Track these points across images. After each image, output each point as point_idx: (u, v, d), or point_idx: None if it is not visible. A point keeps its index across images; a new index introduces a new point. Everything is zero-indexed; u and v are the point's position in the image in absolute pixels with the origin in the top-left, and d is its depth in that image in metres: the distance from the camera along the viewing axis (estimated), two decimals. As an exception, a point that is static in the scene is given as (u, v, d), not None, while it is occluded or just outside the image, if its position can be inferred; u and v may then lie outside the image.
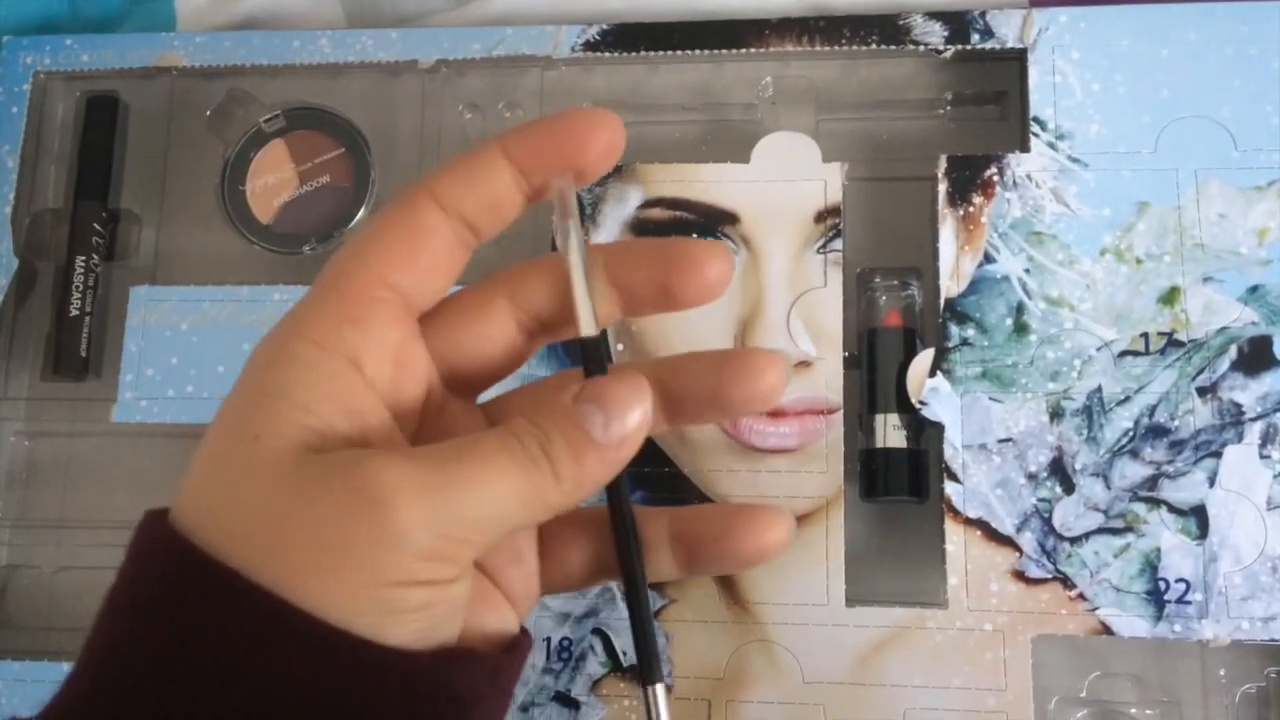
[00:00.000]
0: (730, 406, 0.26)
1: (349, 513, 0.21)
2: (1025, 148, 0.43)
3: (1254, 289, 0.41)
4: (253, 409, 0.23)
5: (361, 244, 0.24)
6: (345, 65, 0.48)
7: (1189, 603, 0.39)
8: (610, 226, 0.45)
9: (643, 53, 0.47)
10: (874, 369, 0.43)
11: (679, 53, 0.47)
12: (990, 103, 0.45)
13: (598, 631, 0.41)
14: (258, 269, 0.47)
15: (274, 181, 0.48)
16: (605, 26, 0.47)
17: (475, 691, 0.24)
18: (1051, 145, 0.43)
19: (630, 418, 0.24)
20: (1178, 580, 0.39)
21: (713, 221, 0.44)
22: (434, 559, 0.22)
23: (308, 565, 0.21)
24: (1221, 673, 0.39)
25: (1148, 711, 0.40)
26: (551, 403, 0.24)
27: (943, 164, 0.43)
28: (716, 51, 0.47)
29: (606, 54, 0.47)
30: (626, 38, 0.47)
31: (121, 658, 0.21)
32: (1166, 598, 0.39)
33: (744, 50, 0.46)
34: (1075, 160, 0.43)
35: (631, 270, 0.26)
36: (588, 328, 0.25)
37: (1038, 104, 0.43)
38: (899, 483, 0.42)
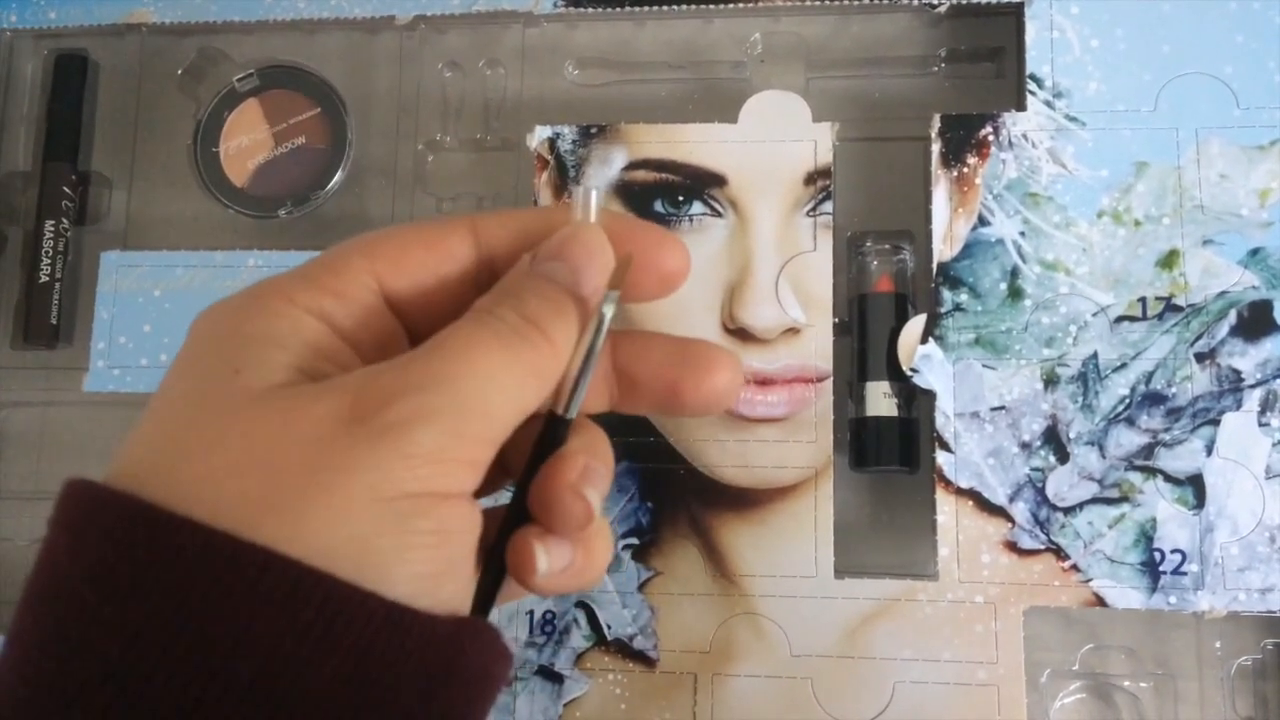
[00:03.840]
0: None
1: (348, 425, 0.20)
2: (1021, 106, 0.43)
3: (1255, 252, 0.41)
4: (230, 349, 0.22)
5: (379, 235, 0.24)
6: (321, 21, 0.48)
7: (1184, 574, 0.39)
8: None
9: (627, 8, 0.47)
10: (864, 335, 0.44)
11: (665, 8, 0.47)
12: (986, 59, 0.46)
13: (581, 605, 0.42)
14: (232, 233, 0.48)
15: (248, 143, 0.48)
16: (589, -19, 0.47)
17: (495, 670, 0.23)
18: (1048, 104, 0.43)
19: (596, 264, 0.24)
20: (1173, 551, 0.39)
21: (699, 184, 0.44)
22: (442, 462, 0.21)
23: (308, 489, 0.20)
24: (1217, 645, 0.40)
25: (1141, 684, 0.40)
26: (510, 274, 0.24)
27: (936, 124, 0.43)
28: (704, 6, 0.47)
29: (590, 9, 0.47)
30: (611, -7, 0.47)
31: (84, 652, 0.19)
32: (1162, 569, 0.39)
33: (732, 5, 0.47)
34: (1073, 119, 0.43)
35: (641, 362, 0.26)
36: (568, 410, 0.24)
37: (1034, 61, 0.44)
38: (890, 452, 0.43)
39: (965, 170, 0.43)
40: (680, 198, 0.45)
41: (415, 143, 0.48)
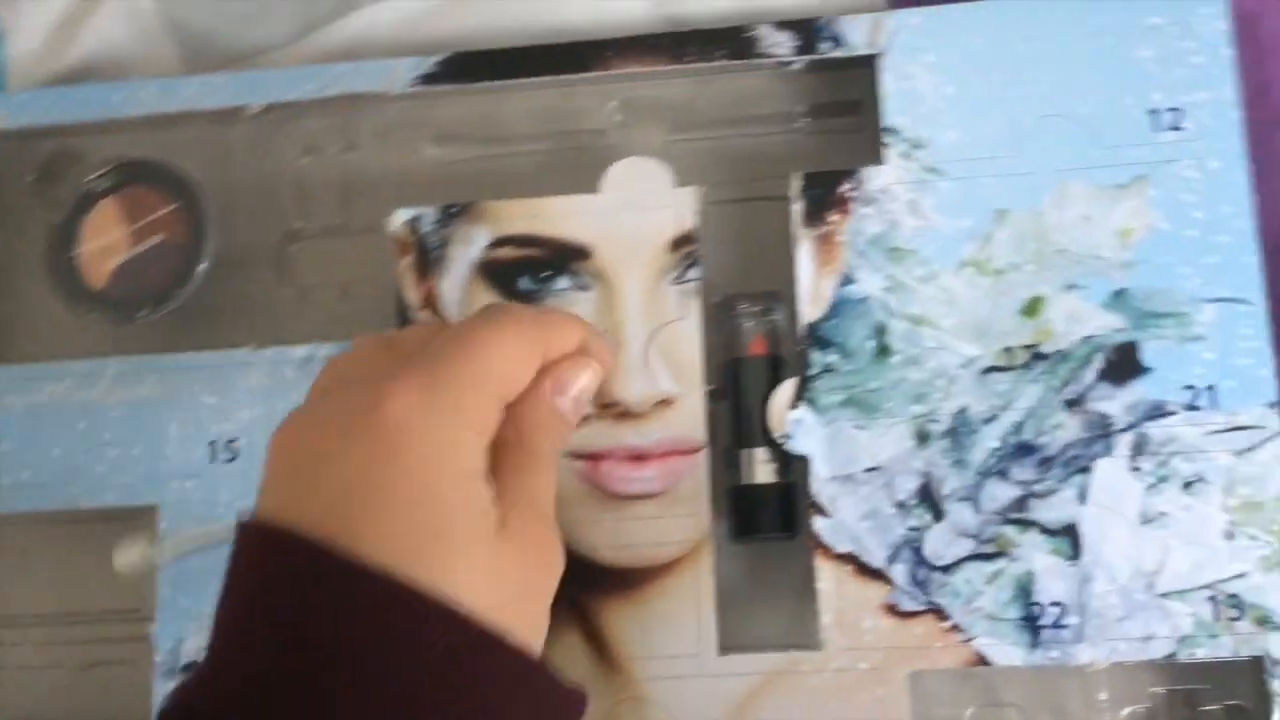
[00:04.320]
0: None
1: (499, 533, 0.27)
2: (880, 160, 0.43)
3: (1118, 293, 0.41)
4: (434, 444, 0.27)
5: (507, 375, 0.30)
6: (174, 115, 0.48)
7: (1065, 626, 0.39)
8: (458, 270, 0.44)
9: (484, 82, 0.47)
10: (740, 401, 0.43)
11: (521, 80, 0.46)
12: (846, 114, 0.45)
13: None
14: (92, 340, 0.47)
15: (106, 244, 0.47)
16: (443, 57, 0.47)
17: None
18: (906, 155, 0.43)
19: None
20: (1052, 604, 0.39)
21: (564, 258, 0.44)
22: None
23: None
24: (1103, 696, 0.39)
25: (1034, 741, 0.40)
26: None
27: (796, 182, 0.43)
28: (561, 77, 0.46)
29: (446, 86, 0.47)
30: (466, 68, 0.47)
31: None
32: (1041, 623, 0.39)
33: (590, 73, 0.46)
34: (932, 170, 0.43)
35: None
36: None
37: (892, 112, 0.43)
38: (771, 519, 0.42)
39: (828, 228, 0.43)
40: (545, 273, 0.44)
41: (275, 232, 0.47)
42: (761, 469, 0.42)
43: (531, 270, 0.44)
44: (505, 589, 0.26)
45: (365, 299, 0.46)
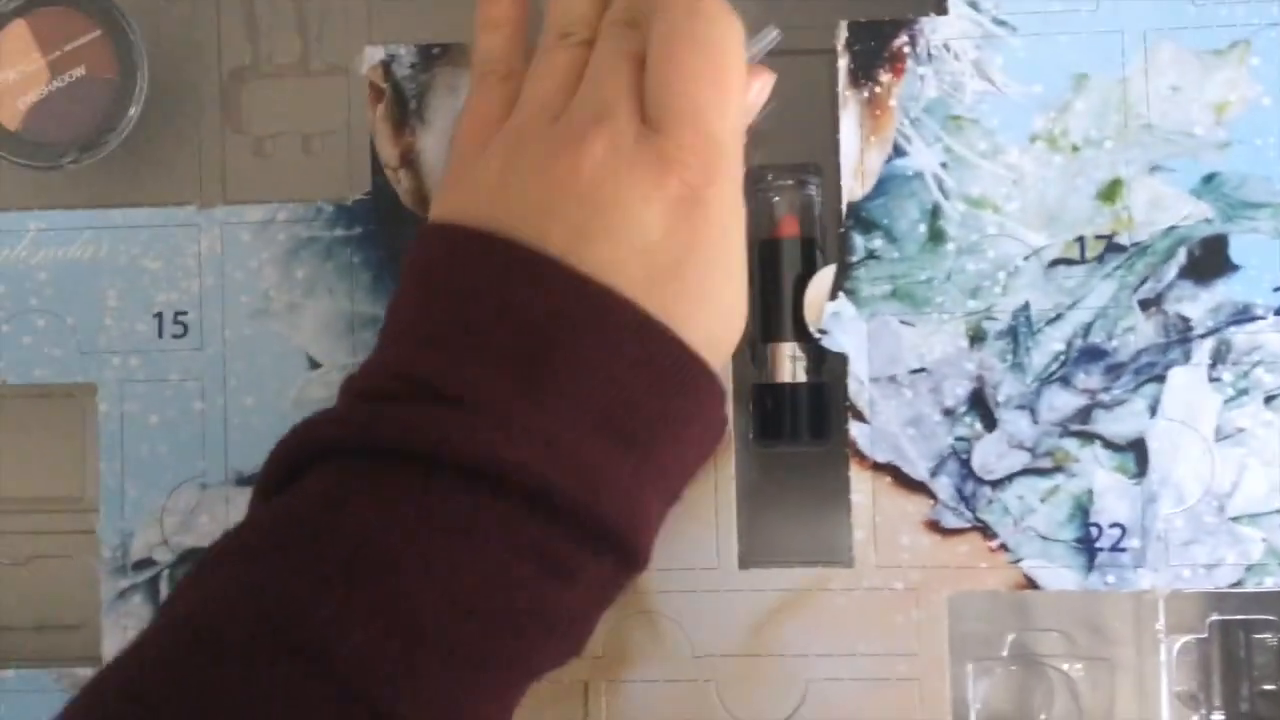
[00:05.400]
0: None
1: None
2: (942, 10, 0.37)
3: (1209, 178, 0.36)
4: None
5: None
6: (94, -81, 0.39)
7: (1124, 550, 0.35)
8: (442, 123, 0.38)
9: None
10: (767, 288, 0.38)
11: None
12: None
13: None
14: (9, 189, 0.40)
15: (18, 76, 0.39)
16: None
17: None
18: (973, 5, 0.36)
19: None
20: (1112, 525, 0.35)
21: (568, 111, 0.37)
22: None
23: None
24: (1159, 625, 0.36)
25: (1076, 666, 0.37)
26: None
27: (842, 33, 0.37)
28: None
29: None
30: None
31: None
32: (1099, 545, 0.35)
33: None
34: (1001, 23, 0.36)
35: None
36: None
37: (958, -49, 0.37)
38: (799, 424, 0.37)
39: (878, 90, 0.37)
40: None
41: (220, 70, 0.39)
42: (791, 366, 0.37)
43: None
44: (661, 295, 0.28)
45: (333, 154, 0.39)
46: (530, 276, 0.28)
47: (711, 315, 0.29)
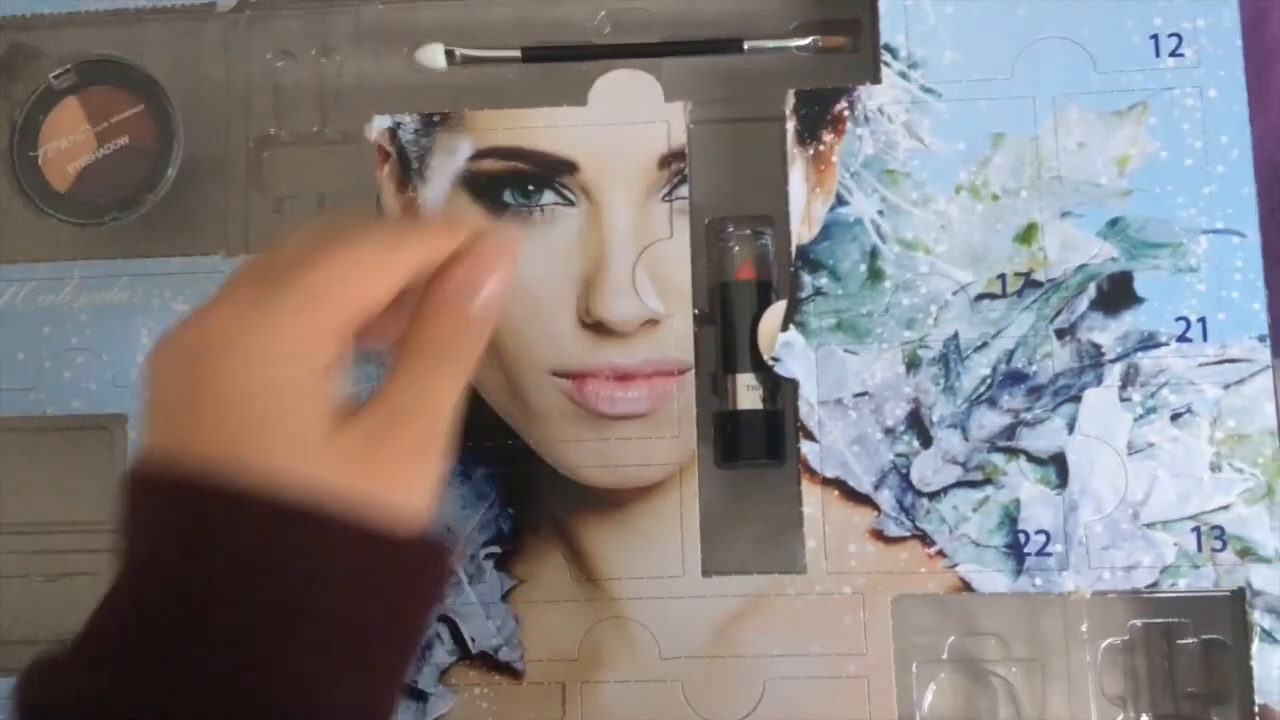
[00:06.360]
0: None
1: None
2: (877, 79, 0.41)
3: (1114, 222, 0.40)
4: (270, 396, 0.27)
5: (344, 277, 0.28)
6: (140, 11, 0.45)
7: (1049, 554, 0.38)
8: (440, 181, 0.42)
9: (467, -13, 0.44)
10: (728, 326, 0.42)
11: (507, -14, 0.44)
12: (841, 32, 0.43)
13: (444, 619, 0.40)
14: (55, 243, 0.44)
15: (68, 145, 0.45)
16: (425, -41, 0.44)
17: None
18: (904, 75, 0.41)
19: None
20: (1037, 532, 0.38)
21: (550, 171, 0.42)
22: None
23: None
24: (1084, 627, 0.39)
25: (1012, 669, 0.40)
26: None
27: (790, 100, 0.41)
28: (549, -18, 0.44)
29: (428, -11, 0.44)
30: (450, -30, 0.44)
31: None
32: (1026, 550, 0.38)
33: (579, -20, 0.44)
34: (928, 90, 0.41)
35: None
36: None
37: (889, 30, 0.41)
38: (756, 446, 0.41)
39: (821, 148, 0.41)
40: (530, 187, 0.42)
41: (248, 139, 0.44)
42: (748, 395, 0.41)
43: (516, 184, 0.42)
44: (340, 475, 0.26)
45: (343, 209, 0.44)
46: (204, 514, 0.26)
47: (274, 440, 0.27)
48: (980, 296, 0.40)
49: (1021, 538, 0.38)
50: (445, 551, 0.29)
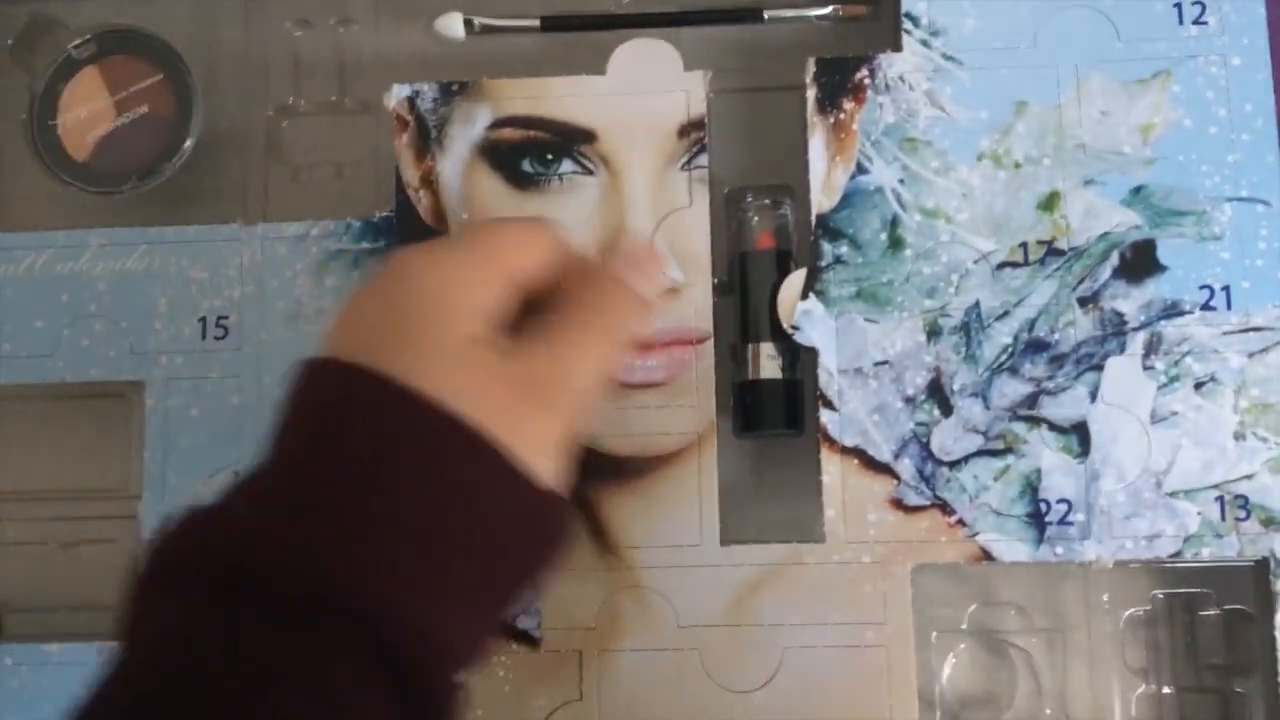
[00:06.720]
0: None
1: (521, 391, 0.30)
2: (898, 47, 0.41)
3: (1137, 190, 0.39)
4: (446, 308, 0.29)
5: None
6: (160, -19, 0.45)
7: (1070, 524, 0.38)
8: (458, 150, 0.42)
9: (487, -45, 0.44)
10: (747, 296, 0.41)
11: (526, -45, 0.44)
12: (862, 1, 0.43)
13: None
14: (76, 211, 0.44)
15: (88, 114, 0.44)
16: (444, -72, 0.44)
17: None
18: (925, 43, 0.41)
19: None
20: (1059, 501, 0.38)
21: (568, 140, 0.42)
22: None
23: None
24: (1105, 597, 0.39)
25: (1032, 640, 0.39)
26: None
27: (810, 68, 0.41)
28: (569, -48, 0.44)
29: (448, -42, 0.44)
30: (469, -61, 0.44)
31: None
32: (1048, 519, 0.38)
33: (598, -50, 0.44)
34: (950, 59, 0.41)
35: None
36: None
37: (910, -1, 0.41)
38: (775, 416, 0.41)
39: (842, 117, 0.41)
40: (549, 156, 0.42)
41: (267, 108, 0.44)
42: (768, 365, 0.41)
43: (535, 152, 0.42)
44: (490, 405, 0.28)
45: (361, 179, 0.44)
46: (366, 398, 0.28)
47: (443, 367, 0.28)
48: (1002, 265, 0.39)
49: (1043, 506, 0.38)
50: (567, 515, 0.31)
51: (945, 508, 0.39)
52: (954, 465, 0.39)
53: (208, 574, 0.26)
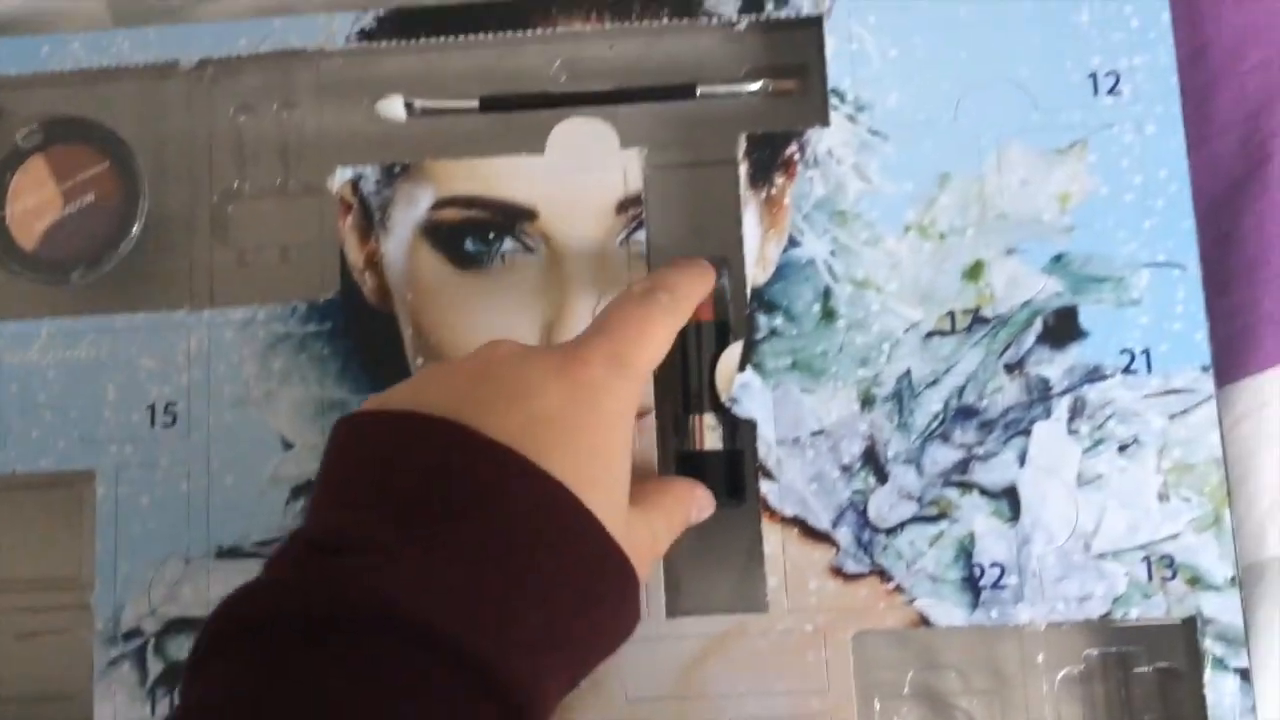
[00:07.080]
0: None
1: None
2: (825, 121, 0.42)
3: (1058, 258, 0.40)
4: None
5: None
6: (104, 71, 0.45)
7: (1004, 587, 0.39)
8: (401, 231, 0.43)
9: (424, 39, 0.45)
10: (686, 367, 0.42)
11: (463, 38, 0.45)
12: (791, 76, 0.44)
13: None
14: (23, 301, 0.45)
15: (35, 203, 0.45)
16: (382, 12, 0.45)
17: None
18: (851, 118, 0.42)
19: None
20: (992, 565, 0.39)
21: (510, 219, 0.43)
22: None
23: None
24: (1040, 658, 0.39)
25: (973, 701, 0.40)
26: None
27: (742, 144, 0.42)
28: (507, 34, 0.44)
29: (385, 43, 0.45)
30: (406, 24, 0.45)
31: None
32: (981, 583, 0.39)
33: (536, 31, 0.44)
34: (875, 133, 0.42)
35: None
36: None
37: (836, 74, 0.42)
38: (717, 487, 0.41)
39: (774, 191, 0.42)
40: (491, 235, 0.43)
41: (212, 194, 0.45)
42: (709, 435, 0.41)
43: (477, 232, 0.43)
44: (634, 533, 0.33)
45: (306, 261, 0.44)
46: (435, 442, 0.29)
47: (606, 481, 0.31)
48: (931, 334, 0.40)
49: (977, 571, 0.39)
50: (637, 597, 0.33)
51: (883, 574, 0.39)
52: (890, 532, 0.40)
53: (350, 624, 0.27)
